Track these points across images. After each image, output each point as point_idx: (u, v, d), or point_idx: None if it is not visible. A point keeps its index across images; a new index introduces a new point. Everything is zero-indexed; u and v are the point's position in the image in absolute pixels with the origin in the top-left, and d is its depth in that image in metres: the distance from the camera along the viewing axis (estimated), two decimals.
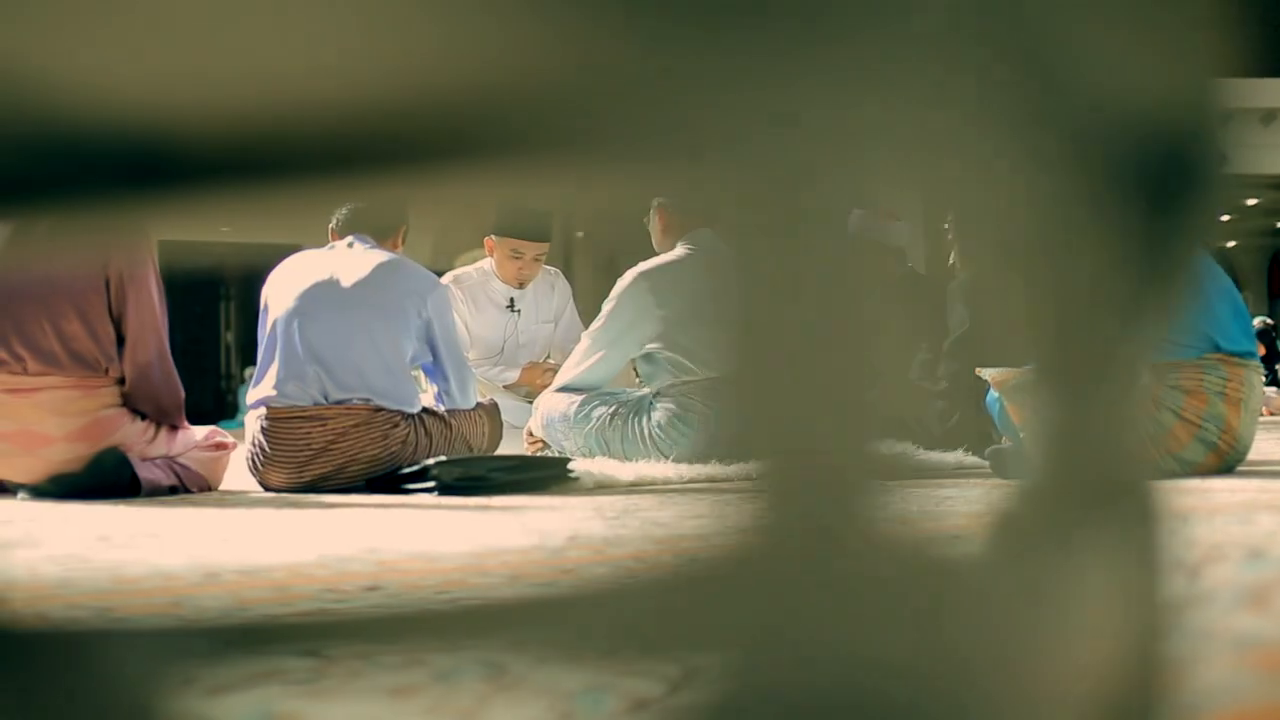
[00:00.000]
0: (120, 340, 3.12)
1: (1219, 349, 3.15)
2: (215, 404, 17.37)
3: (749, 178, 0.40)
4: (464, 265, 4.76)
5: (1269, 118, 14.77)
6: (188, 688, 0.51)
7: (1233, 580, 1.21)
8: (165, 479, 3.12)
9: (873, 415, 0.39)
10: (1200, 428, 3.10)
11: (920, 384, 4.03)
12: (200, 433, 3.30)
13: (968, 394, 3.75)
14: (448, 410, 3.38)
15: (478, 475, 2.95)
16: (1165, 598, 0.45)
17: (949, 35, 0.39)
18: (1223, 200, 0.43)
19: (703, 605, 0.41)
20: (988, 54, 0.39)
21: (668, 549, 1.73)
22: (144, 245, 3.15)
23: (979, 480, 2.99)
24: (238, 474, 3.35)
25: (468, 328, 4.51)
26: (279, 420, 3.18)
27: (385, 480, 3.13)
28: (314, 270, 3.29)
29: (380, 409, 3.19)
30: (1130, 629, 0.43)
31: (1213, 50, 0.43)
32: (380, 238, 3.41)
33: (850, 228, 0.40)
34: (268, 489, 3.22)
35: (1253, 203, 17.72)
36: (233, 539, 1.98)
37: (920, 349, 4.13)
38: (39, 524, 2.35)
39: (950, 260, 4.19)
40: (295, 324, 3.23)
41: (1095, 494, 0.43)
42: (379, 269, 3.28)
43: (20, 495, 3.02)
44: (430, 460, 3.04)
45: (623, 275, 3.85)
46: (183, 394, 3.23)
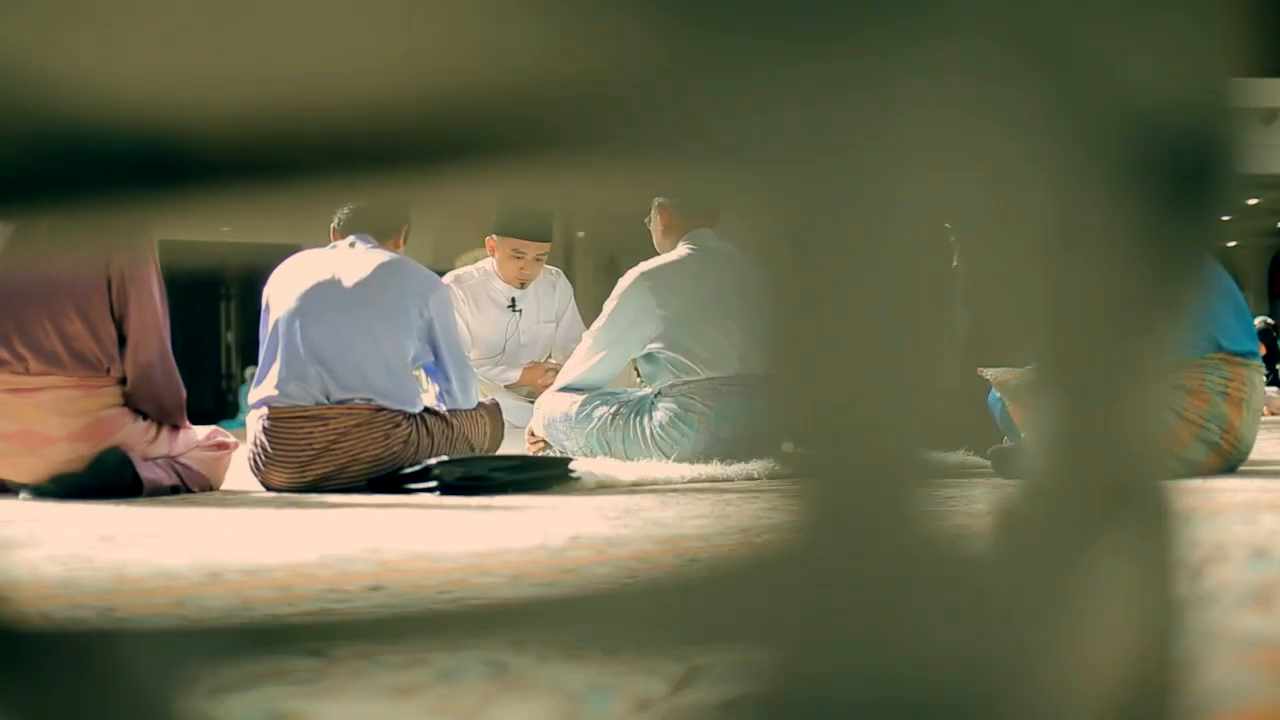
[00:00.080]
0: (122, 340, 3.12)
1: (1221, 349, 3.14)
2: (216, 404, 17.37)
3: (825, 178, 0.40)
4: (465, 265, 4.77)
5: (1269, 117, 14.77)
6: (191, 687, 0.51)
7: (1236, 580, 1.21)
8: (167, 479, 3.12)
9: (928, 414, 0.39)
10: (1202, 428, 3.10)
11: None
12: (202, 432, 3.30)
13: (969, 394, 3.74)
14: (449, 410, 3.38)
15: (479, 475, 2.95)
16: (1177, 598, 0.44)
17: (965, 32, 0.39)
18: (1232, 200, 0.43)
19: (748, 602, 0.41)
20: (1003, 52, 0.39)
21: (670, 549, 1.73)
22: (146, 245, 3.15)
23: (982, 480, 2.99)
24: (239, 474, 3.35)
25: (469, 327, 4.51)
26: (281, 420, 3.18)
27: (387, 480, 3.13)
28: (316, 270, 3.29)
29: (382, 409, 3.18)
30: (1144, 629, 0.43)
31: (1228, 47, 0.43)
32: (382, 237, 3.41)
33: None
34: (269, 489, 3.21)
35: (1253, 202, 17.70)
36: (235, 539, 1.98)
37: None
38: (41, 524, 2.35)
39: (954, 261, 4.18)
40: (297, 324, 3.23)
41: (1106, 494, 0.43)
42: (381, 269, 3.28)
43: (22, 495, 3.02)
44: (432, 460, 3.04)
45: (624, 275, 3.84)
46: (184, 394, 3.23)
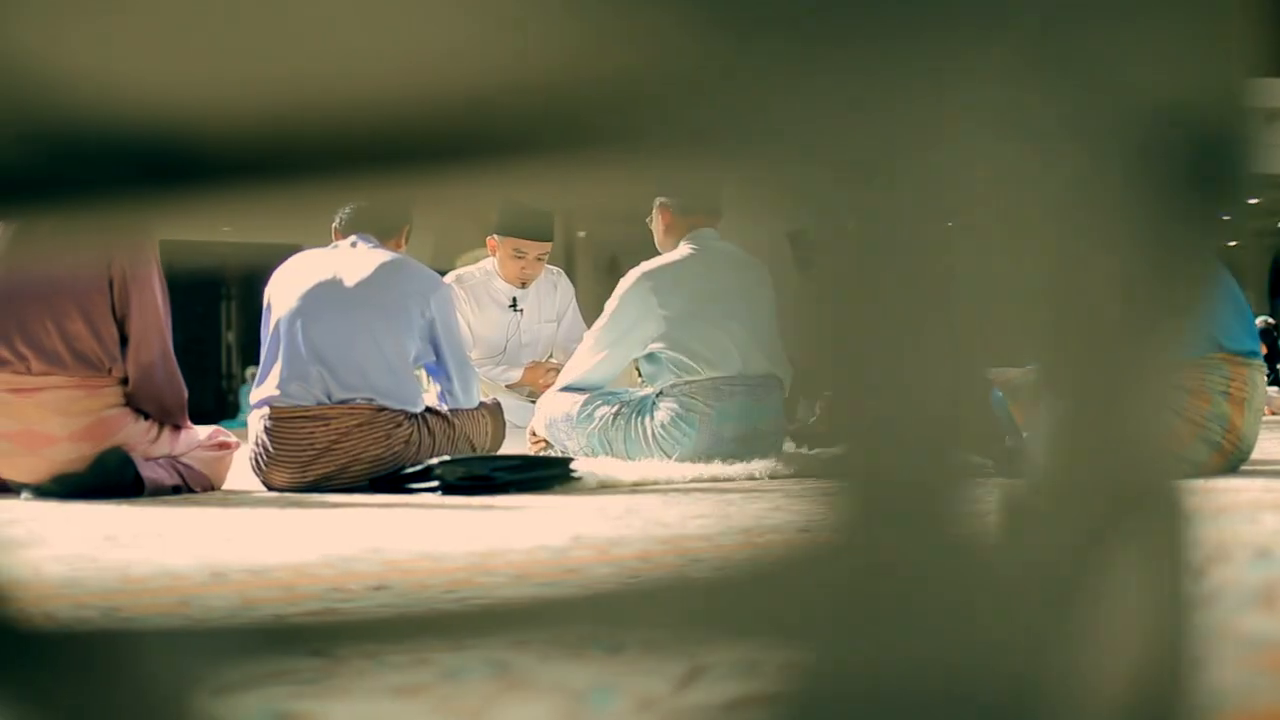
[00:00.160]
0: (123, 340, 3.12)
1: (1222, 348, 3.14)
2: (216, 404, 17.37)
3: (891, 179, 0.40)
4: (466, 265, 4.77)
5: (1270, 117, 14.77)
6: (196, 687, 0.51)
7: (1240, 580, 1.20)
8: (168, 479, 3.12)
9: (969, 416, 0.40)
10: (1203, 428, 3.10)
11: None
12: (203, 432, 3.30)
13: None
14: (451, 410, 3.38)
15: (481, 475, 2.95)
16: (1187, 598, 0.44)
17: (988, 35, 0.39)
18: (1240, 200, 0.43)
19: (785, 599, 0.41)
20: (1015, 53, 0.39)
21: (672, 549, 1.73)
22: (147, 245, 3.15)
23: (984, 480, 2.98)
24: (240, 474, 3.35)
25: (470, 327, 4.51)
26: (282, 420, 3.18)
27: (389, 480, 3.13)
28: (317, 270, 3.29)
29: (383, 409, 3.18)
30: (1155, 628, 0.43)
31: (1243, 48, 0.43)
32: (383, 237, 3.41)
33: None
34: (271, 489, 3.21)
35: (1254, 202, 17.72)
36: (238, 539, 1.98)
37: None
38: (44, 524, 2.35)
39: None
40: (298, 324, 3.23)
41: (1117, 494, 0.43)
42: (382, 269, 3.28)
43: (24, 495, 3.02)
44: (433, 460, 3.04)
45: (625, 275, 3.84)
46: (186, 393, 3.23)
